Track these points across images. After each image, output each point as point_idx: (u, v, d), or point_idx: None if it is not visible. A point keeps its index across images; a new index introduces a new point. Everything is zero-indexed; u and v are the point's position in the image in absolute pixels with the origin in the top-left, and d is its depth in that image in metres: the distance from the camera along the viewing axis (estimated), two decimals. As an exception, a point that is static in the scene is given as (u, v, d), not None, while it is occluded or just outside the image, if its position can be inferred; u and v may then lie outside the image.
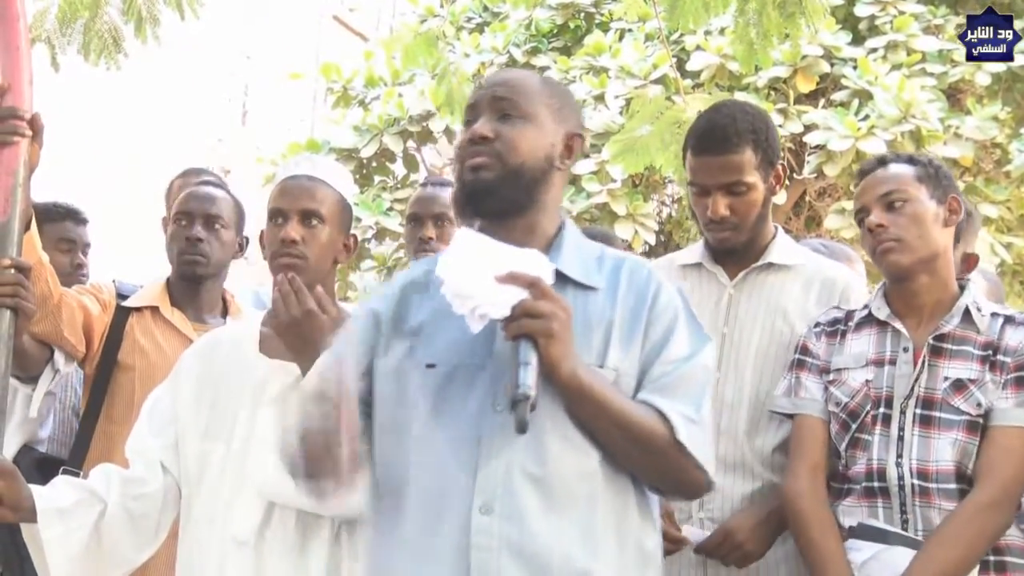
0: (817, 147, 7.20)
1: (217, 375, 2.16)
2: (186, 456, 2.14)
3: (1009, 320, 2.15)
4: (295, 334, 2.00)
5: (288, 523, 2.05)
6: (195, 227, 2.75)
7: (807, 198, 8.20)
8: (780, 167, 2.43)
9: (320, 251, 2.12)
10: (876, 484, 2.11)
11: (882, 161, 2.29)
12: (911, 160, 2.27)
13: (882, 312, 2.22)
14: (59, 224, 3.18)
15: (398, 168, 8.70)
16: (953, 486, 2.05)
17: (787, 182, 7.36)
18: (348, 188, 2.23)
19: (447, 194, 2.94)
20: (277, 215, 2.13)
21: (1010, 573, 2.04)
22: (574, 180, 7.22)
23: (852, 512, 2.13)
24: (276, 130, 9.73)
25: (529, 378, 1.51)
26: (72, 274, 3.12)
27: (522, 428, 1.48)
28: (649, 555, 1.70)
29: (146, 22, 3.96)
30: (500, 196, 1.72)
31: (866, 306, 2.27)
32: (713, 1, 3.81)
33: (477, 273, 1.57)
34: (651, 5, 4.63)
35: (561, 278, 1.70)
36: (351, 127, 8.42)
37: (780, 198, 7.29)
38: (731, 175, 2.34)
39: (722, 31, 6.98)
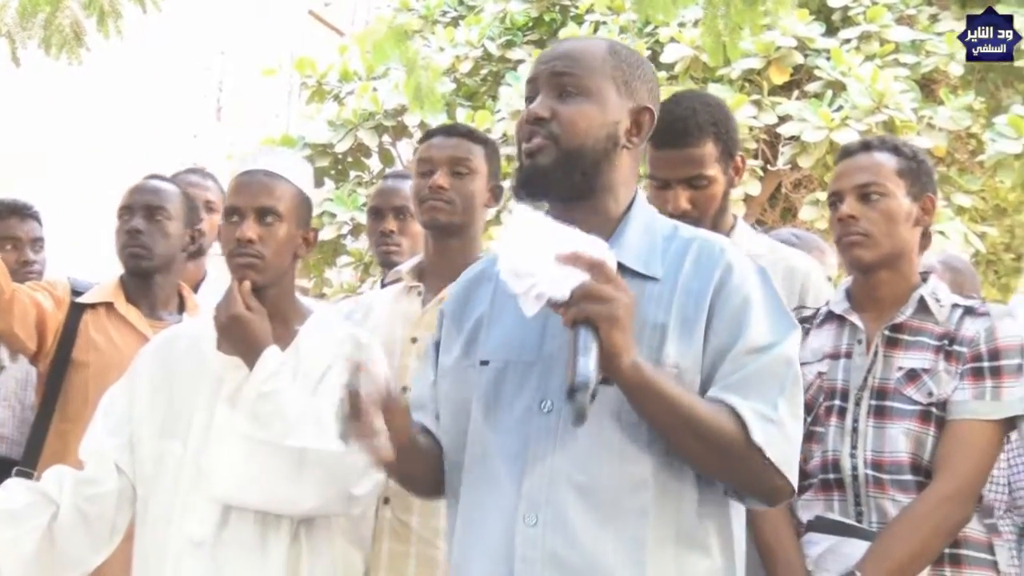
0: (791, 138, 7.20)
1: (174, 373, 2.14)
2: (142, 456, 2.12)
3: (969, 311, 2.12)
4: (227, 336, 2.07)
5: (246, 523, 2.02)
6: (135, 219, 2.70)
7: (782, 190, 8.22)
8: (739, 158, 2.40)
9: (278, 248, 2.09)
10: (831, 476, 2.10)
11: (866, 146, 2.21)
12: (896, 150, 2.18)
13: (839, 307, 2.20)
14: (2, 222, 3.13)
15: (374, 163, 8.68)
16: (908, 477, 2.03)
17: (761, 173, 7.42)
18: (306, 181, 2.20)
19: (408, 186, 2.90)
20: (233, 213, 2.10)
21: (965, 566, 2.02)
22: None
23: (810, 506, 2.12)
24: (251, 126, 9.69)
25: (590, 365, 1.38)
26: (18, 271, 3.06)
27: (581, 418, 1.36)
28: (715, 572, 1.56)
29: (108, 16, 3.91)
30: (556, 182, 1.59)
31: (828, 302, 2.25)
32: (681, -7, 3.81)
33: (536, 251, 1.44)
34: (622, -3, 4.62)
35: (618, 267, 1.53)
36: (326, 122, 8.38)
37: (755, 189, 7.29)
38: (692, 169, 2.30)
39: (696, 23, 6.97)
